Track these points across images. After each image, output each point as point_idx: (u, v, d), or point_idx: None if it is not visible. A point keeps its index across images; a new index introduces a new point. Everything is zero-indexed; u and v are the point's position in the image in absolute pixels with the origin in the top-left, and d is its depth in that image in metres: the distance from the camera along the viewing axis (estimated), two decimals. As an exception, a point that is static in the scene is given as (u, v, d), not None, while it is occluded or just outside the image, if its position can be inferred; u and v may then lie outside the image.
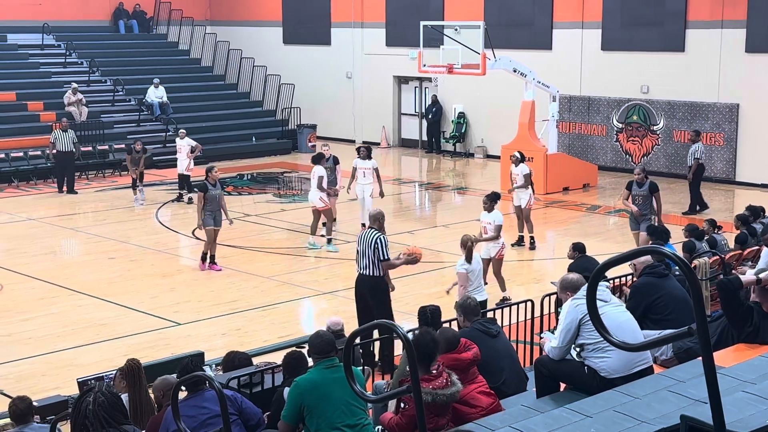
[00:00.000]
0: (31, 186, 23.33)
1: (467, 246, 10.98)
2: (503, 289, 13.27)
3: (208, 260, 15.36)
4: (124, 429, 4.59)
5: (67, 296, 14.06)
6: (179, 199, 21.07)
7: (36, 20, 29.90)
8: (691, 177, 19.79)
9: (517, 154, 17.06)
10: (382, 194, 17.54)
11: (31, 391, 9.50)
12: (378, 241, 10.82)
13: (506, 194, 16.79)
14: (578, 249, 11.47)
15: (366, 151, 17.63)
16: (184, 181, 21.07)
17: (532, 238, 16.68)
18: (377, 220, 11.13)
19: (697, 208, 19.68)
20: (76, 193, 22.40)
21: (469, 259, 10.96)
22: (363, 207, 17.13)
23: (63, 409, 8.14)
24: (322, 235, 16.65)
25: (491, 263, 13.35)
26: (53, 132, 22.78)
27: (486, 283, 12.12)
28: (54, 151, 22.52)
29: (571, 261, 11.26)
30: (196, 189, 17.19)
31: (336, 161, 17.47)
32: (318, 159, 16.83)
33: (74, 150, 22.72)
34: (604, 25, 24.98)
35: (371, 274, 10.91)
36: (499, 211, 13.50)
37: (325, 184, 16.49)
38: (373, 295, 10.97)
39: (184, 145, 20.87)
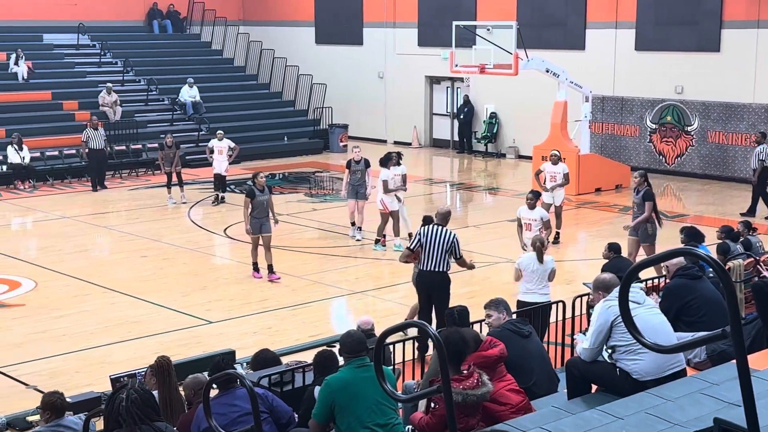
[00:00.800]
0: (65, 184, 23.57)
1: (536, 246, 10.96)
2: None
3: (266, 270, 14.70)
4: (156, 426, 4.62)
5: (100, 294, 14.18)
6: (221, 201, 20.83)
7: (71, 20, 30.21)
8: (756, 180, 19.32)
9: (557, 153, 17.19)
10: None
11: (64, 388, 9.58)
12: (456, 239, 11.00)
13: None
14: (614, 249, 11.39)
15: (397, 157, 16.86)
16: (220, 182, 20.97)
17: (557, 233, 16.68)
18: (446, 218, 11.29)
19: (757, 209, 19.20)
20: (107, 187, 22.83)
21: (540, 260, 10.92)
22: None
23: (96, 405, 8.21)
24: (384, 235, 16.54)
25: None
26: (85, 130, 23.07)
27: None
28: (87, 149, 22.86)
29: (606, 261, 11.20)
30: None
31: (367, 164, 17.26)
32: (385, 162, 16.61)
33: (105, 147, 23.06)
34: (638, 25, 24.80)
35: (441, 269, 10.96)
36: (542, 208, 13.94)
37: (392, 186, 16.31)
38: (440, 290, 10.98)
39: (223, 146, 20.82)
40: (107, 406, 4.64)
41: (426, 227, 11.16)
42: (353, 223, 17.24)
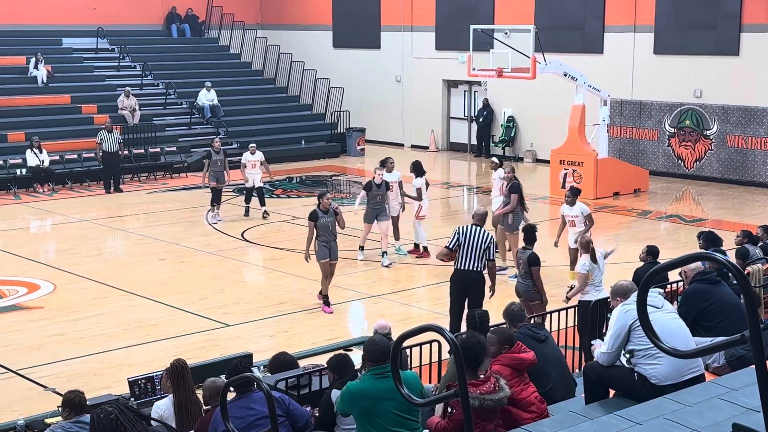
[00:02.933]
0: (84, 188, 23.68)
1: (590, 247, 11.01)
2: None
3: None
4: (154, 428, 4.72)
5: (118, 297, 14.24)
6: (266, 214, 19.51)
7: (91, 24, 30.38)
8: None
9: (496, 160, 17.23)
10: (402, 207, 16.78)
11: (82, 390, 9.64)
12: (493, 240, 11.22)
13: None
14: (651, 253, 11.29)
15: (389, 164, 16.22)
16: (259, 195, 19.50)
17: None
18: (483, 219, 11.55)
19: None
20: (122, 191, 22.87)
21: (594, 259, 10.94)
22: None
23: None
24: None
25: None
26: (99, 133, 23.13)
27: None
28: (101, 152, 22.90)
29: (642, 263, 11.19)
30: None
31: (387, 186, 16.24)
32: (419, 171, 16.49)
33: (119, 150, 23.15)
34: (657, 28, 24.71)
35: (477, 269, 11.09)
36: (581, 203, 14.21)
37: (423, 193, 16.38)
38: (475, 290, 11.11)
39: (256, 159, 19.46)
40: (93, 421, 4.76)
41: (464, 227, 11.31)
42: (362, 247, 16.20)
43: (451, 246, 11.27)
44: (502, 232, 15.15)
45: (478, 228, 11.26)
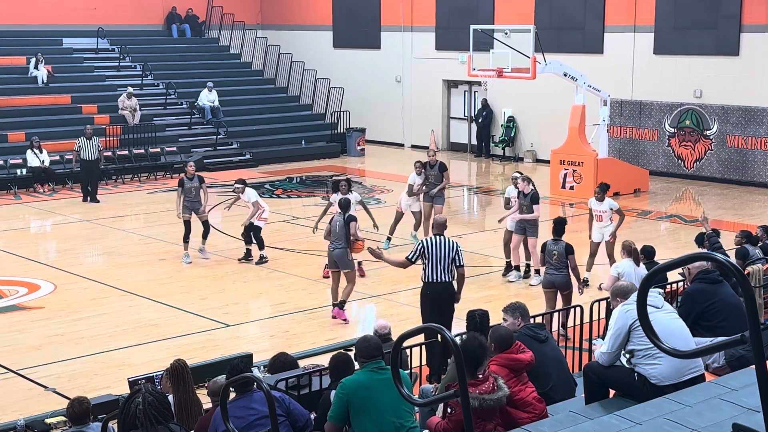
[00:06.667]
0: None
1: (632, 249, 11.09)
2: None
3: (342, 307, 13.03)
4: (171, 427, 4.66)
5: (118, 297, 14.24)
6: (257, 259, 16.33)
7: (91, 24, 30.39)
8: None
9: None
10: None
11: (82, 390, 9.66)
12: (459, 246, 10.82)
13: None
14: (645, 253, 11.39)
15: (346, 185, 14.83)
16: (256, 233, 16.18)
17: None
18: (444, 227, 11.16)
19: None
20: (98, 201, 21.78)
21: (637, 261, 11.00)
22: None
23: (114, 407, 8.24)
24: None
25: (604, 245, 14.27)
26: (78, 139, 22.20)
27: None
28: (78, 158, 22.01)
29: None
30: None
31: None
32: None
33: (99, 157, 22.22)
34: (657, 28, 24.71)
35: (447, 280, 10.73)
36: (610, 198, 14.48)
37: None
38: (447, 300, 10.76)
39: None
40: (123, 409, 4.68)
41: (428, 239, 11.07)
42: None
43: (412, 258, 10.88)
44: (430, 207, 16.78)
45: (441, 237, 10.87)
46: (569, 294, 11.88)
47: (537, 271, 14.47)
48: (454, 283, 10.81)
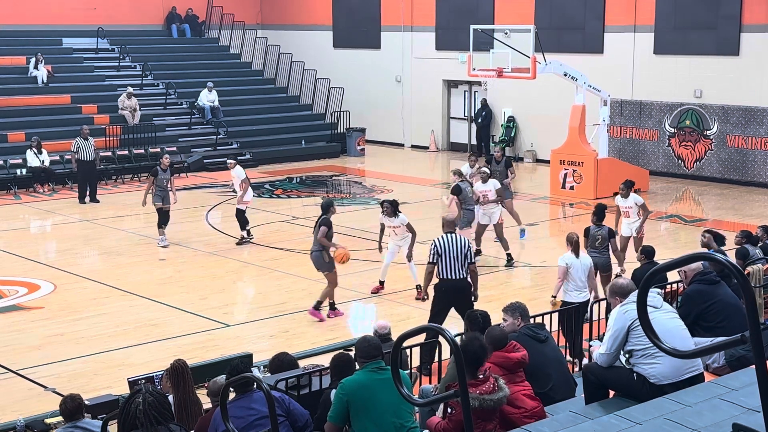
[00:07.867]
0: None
1: (573, 241, 11.19)
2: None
3: (326, 308, 13.19)
4: (171, 428, 4.66)
5: (118, 297, 14.24)
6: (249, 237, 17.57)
7: (91, 24, 30.39)
8: None
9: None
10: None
11: (82, 390, 9.65)
12: (470, 244, 11.28)
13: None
14: (645, 252, 11.39)
15: (391, 208, 14.18)
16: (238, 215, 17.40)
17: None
18: (454, 225, 11.66)
19: None
20: (98, 201, 21.70)
21: (576, 254, 11.11)
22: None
23: (114, 407, 8.25)
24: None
25: (632, 240, 14.60)
26: (75, 140, 22.11)
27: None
28: (75, 159, 21.90)
29: (639, 265, 11.22)
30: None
31: (458, 190, 16.22)
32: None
33: (95, 158, 22.12)
34: (657, 28, 24.70)
35: (462, 276, 10.99)
36: (634, 194, 14.76)
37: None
38: (464, 297, 10.93)
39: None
40: (123, 409, 4.68)
41: (440, 238, 11.20)
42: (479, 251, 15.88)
43: (431, 260, 11.07)
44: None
45: (453, 235, 11.19)
46: (609, 275, 12.57)
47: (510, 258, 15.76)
48: (469, 279, 11.05)
